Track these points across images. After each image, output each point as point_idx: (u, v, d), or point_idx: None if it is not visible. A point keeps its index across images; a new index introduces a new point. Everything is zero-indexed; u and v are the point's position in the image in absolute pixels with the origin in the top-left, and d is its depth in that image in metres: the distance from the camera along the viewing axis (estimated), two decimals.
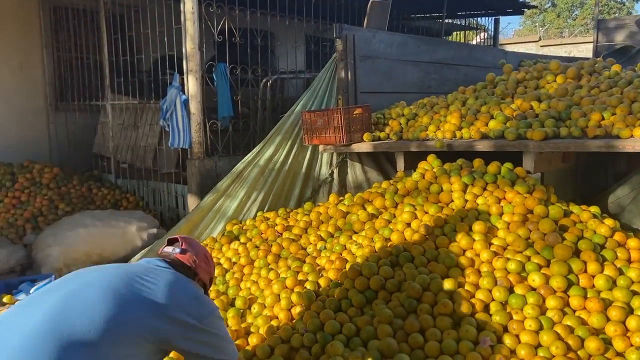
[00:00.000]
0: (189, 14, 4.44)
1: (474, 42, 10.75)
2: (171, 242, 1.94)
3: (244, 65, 4.97)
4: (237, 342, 2.59)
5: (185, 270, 1.84)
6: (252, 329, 2.69)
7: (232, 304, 2.96)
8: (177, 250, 1.87)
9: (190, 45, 4.47)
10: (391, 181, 3.71)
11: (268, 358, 2.41)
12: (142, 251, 4.21)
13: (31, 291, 3.53)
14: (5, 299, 3.35)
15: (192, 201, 4.60)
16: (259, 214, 4.07)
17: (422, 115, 4.11)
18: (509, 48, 13.42)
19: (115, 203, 5.47)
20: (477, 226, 2.81)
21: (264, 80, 5.31)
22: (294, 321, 2.64)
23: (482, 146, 3.34)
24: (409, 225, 3.03)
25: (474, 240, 2.72)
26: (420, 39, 5.86)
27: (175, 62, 4.72)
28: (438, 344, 2.25)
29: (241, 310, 2.87)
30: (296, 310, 2.68)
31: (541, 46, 14.68)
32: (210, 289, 3.11)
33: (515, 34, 25.09)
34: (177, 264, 1.84)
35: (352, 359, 2.23)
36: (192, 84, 4.52)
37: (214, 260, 3.48)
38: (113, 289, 1.53)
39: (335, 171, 4.55)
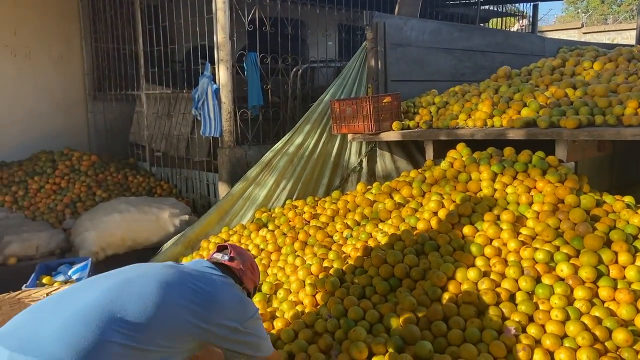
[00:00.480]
0: (220, 3, 4.48)
1: (514, 29, 10.46)
2: (220, 248, 2.02)
3: (275, 55, 4.99)
4: None
5: (231, 276, 1.92)
6: (277, 314, 2.74)
7: (258, 289, 3.01)
8: (226, 257, 1.96)
9: (221, 34, 4.52)
10: (419, 170, 3.68)
11: (292, 342, 2.45)
12: (174, 237, 4.32)
13: (69, 273, 3.67)
14: (45, 280, 3.49)
15: (222, 189, 4.67)
16: (287, 202, 4.10)
17: (453, 104, 4.06)
18: (549, 35, 13.03)
19: (150, 190, 5.61)
20: (506, 215, 2.76)
21: (294, 70, 5.32)
22: (318, 307, 2.67)
23: (513, 134, 3.27)
24: (435, 214, 3.00)
25: (502, 229, 2.68)
26: (453, 25, 5.77)
27: (207, 51, 4.78)
28: (461, 332, 2.24)
29: (267, 295, 2.92)
30: (320, 296, 2.71)
31: (583, 33, 14.21)
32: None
33: (556, 20, 24.31)
34: (225, 269, 1.92)
35: (375, 344, 2.24)
36: (223, 74, 4.57)
37: (243, 246, 3.56)
38: (166, 286, 1.63)
39: (364, 160, 4.54)
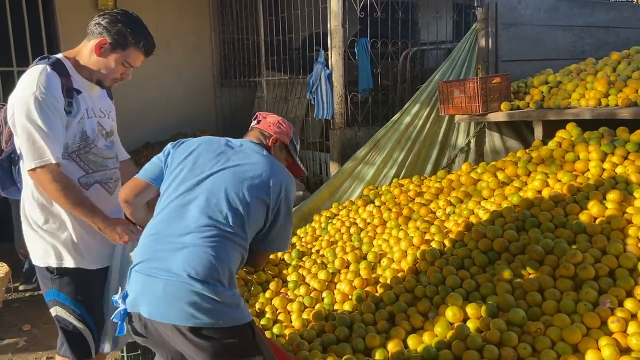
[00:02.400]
0: None
1: None
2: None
3: (385, 39, 5.17)
4: (367, 289, 2.92)
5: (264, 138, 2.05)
6: (380, 280, 2.99)
7: (364, 257, 3.28)
8: (254, 122, 2.13)
9: (334, 22, 4.80)
10: (527, 150, 3.68)
11: (393, 304, 2.69)
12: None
13: None
14: None
15: (333, 167, 4.99)
16: (394, 180, 4.31)
17: (566, 83, 3.97)
18: None
19: None
20: (612, 195, 2.73)
21: (404, 53, 5.46)
22: (418, 275, 2.88)
23: (627, 113, 3.17)
24: (539, 192, 3.04)
25: (607, 208, 2.67)
26: (573, 1, 5.50)
27: (322, 39, 5.09)
28: (556, 303, 2.32)
29: (372, 263, 3.18)
30: (421, 265, 2.91)
31: None
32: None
33: None
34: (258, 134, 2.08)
35: (470, 308, 2.41)
36: (335, 59, 4.86)
37: (350, 220, 3.84)
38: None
39: (472, 141, 4.58)
